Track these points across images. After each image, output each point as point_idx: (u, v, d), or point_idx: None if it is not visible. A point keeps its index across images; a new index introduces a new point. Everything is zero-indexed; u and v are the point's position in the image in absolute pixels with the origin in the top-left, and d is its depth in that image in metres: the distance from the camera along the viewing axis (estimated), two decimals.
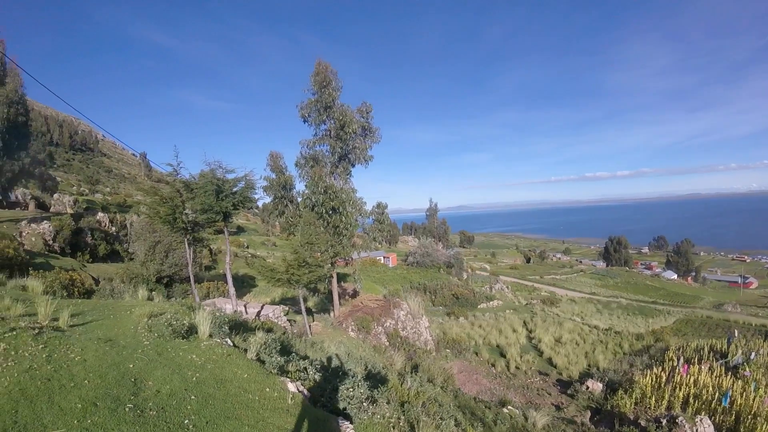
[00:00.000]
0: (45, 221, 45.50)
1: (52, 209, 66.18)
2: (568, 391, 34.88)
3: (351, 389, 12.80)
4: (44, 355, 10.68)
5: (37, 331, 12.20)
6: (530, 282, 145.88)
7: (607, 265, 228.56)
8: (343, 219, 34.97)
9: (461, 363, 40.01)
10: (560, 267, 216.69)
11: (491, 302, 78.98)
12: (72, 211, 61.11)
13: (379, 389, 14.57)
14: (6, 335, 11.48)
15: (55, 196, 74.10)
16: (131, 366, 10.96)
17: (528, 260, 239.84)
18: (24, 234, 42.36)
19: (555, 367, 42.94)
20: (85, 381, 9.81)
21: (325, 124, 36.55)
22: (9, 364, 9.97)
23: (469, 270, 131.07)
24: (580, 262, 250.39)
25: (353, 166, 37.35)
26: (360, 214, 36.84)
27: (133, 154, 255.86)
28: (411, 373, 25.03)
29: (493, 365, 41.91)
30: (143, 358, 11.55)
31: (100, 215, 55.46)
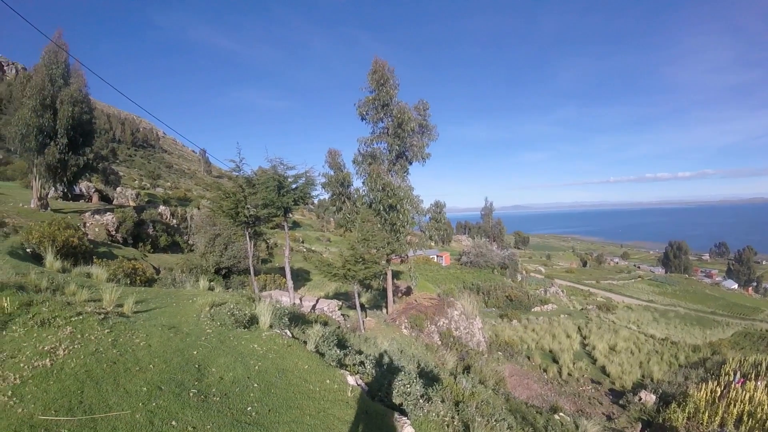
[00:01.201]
0: (108, 213, 47.18)
1: (115, 202, 68.43)
2: (620, 402, 33.86)
3: (408, 385, 12.71)
4: (110, 340, 10.93)
5: (102, 316, 12.51)
6: (586, 286, 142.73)
7: (666, 272, 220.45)
8: (401, 217, 34.78)
9: (513, 366, 39.33)
10: (617, 272, 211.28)
11: (545, 306, 77.30)
12: (134, 204, 63.11)
13: (434, 387, 14.46)
14: (72, 319, 11.81)
15: (118, 189, 76.65)
16: (195, 353, 11.13)
17: (584, 264, 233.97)
18: (88, 224, 43.95)
19: (608, 375, 41.68)
20: (150, 365, 9.99)
21: (382, 122, 36.48)
22: (75, 346, 10.23)
23: (524, 272, 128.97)
24: (638, 267, 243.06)
25: (410, 163, 37.14)
26: (417, 212, 36.59)
27: (193, 151, 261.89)
28: (463, 373, 24.84)
29: (545, 370, 41.03)
30: (206, 346, 11.72)
31: (161, 208, 57.17)
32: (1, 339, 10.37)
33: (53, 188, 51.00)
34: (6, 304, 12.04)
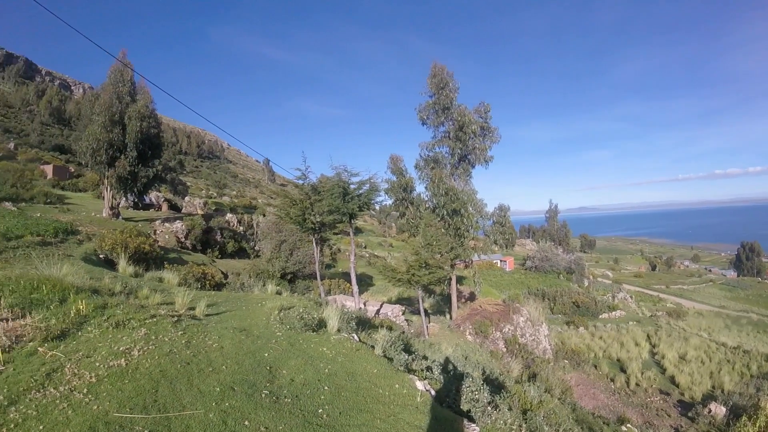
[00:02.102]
0: (178, 221, 48.68)
1: (183, 210, 70.46)
2: (689, 414, 32.33)
3: (476, 392, 12.46)
4: (183, 341, 11.18)
5: (175, 318, 12.87)
6: (655, 292, 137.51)
7: (738, 275, 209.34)
8: (464, 221, 34.39)
9: (579, 375, 38.25)
10: (688, 276, 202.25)
11: (613, 312, 74.83)
12: (202, 212, 64.80)
13: (501, 395, 14.18)
14: (147, 321, 12.17)
15: (187, 198, 79.02)
16: (266, 355, 11.21)
17: (653, 268, 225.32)
18: (158, 232, 45.44)
19: (677, 386, 39.81)
20: (223, 366, 10.11)
21: (443, 126, 36.18)
22: (150, 347, 10.48)
23: (591, 277, 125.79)
24: (710, 270, 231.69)
25: (473, 167, 36.68)
26: (481, 216, 36.11)
27: (257, 161, 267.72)
28: (528, 381, 24.36)
29: (612, 380, 39.65)
30: (277, 348, 11.79)
31: (228, 216, 58.75)
32: (77, 339, 10.70)
33: (124, 198, 53.04)
34: (82, 307, 12.45)
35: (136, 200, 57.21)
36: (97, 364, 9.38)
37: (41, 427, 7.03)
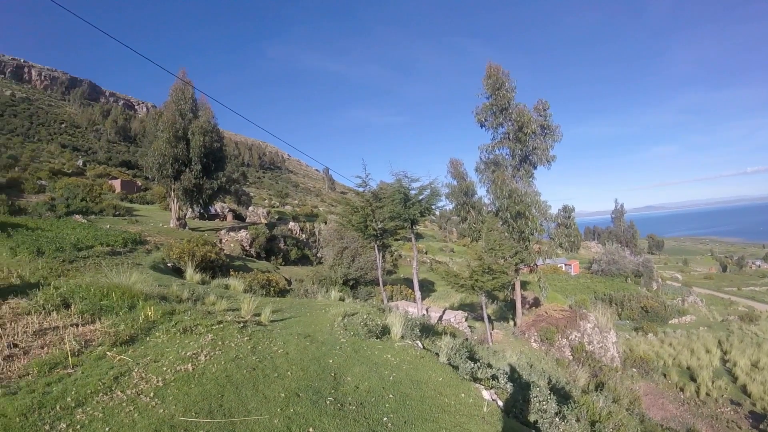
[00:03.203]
0: (242, 230, 49.85)
1: (248, 220, 71.92)
2: (761, 426, 30.43)
3: (544, 403, 12.07)
4: (249, 347, 11.18)
5: (241, 324, 12.94)
6: (726, 294, 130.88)
7: None
8: (529, 224, 33.50)
9: (647, 385, 36.58)
10: (760, 277, 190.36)
11: (683, 317, 71.53)
12: (266, 221, 66.10)
13: (568, 405, 13.73)
14: (214, 327, 12.29)
15: (250, 208, 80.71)
16: (330, 361, 11.09)
17: (724, 269, 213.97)
18: (224, 241, 46.62)
19: (749, 396, 37.37)
20: (288, 373, 10.04)
21: (502, 127, 35.43)
22: (216, 353, 10.55)
23: (659, 280, 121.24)
24: None
25: (535, 167, 35.67)
26: (545, 218, 35.18)
27: (317, 170, 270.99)
28: (596, 391, 23.62)
29: (681, 389, 37.72)
30: (341, 355, 11.66)
31: (291, 224, 60.02)
32: (145, 344, 10.90)
33: (191, 209, 54.82)
34: (150, 313, 12.74)
35: (201, 211, 58.83)
36: (165, 368, 9.49)
37: (107, 429, 7.10)
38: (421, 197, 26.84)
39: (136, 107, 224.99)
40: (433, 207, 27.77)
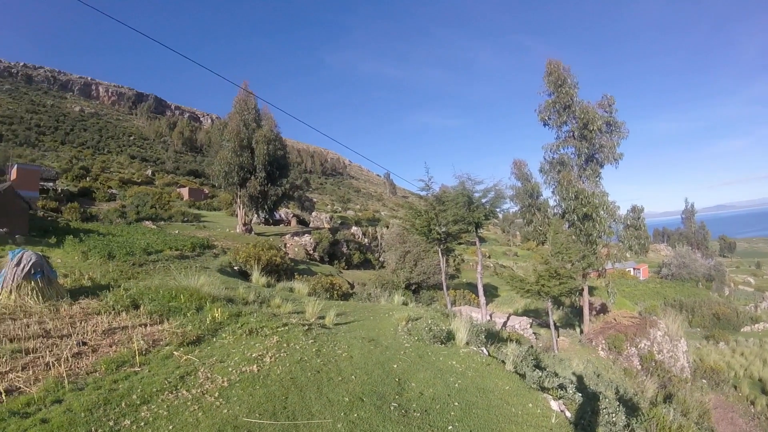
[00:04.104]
0: (306, 234, 50.74)
1: (311, 225, 72.92)
2: None
3: (613, 415, 11.55)
4: (313, 350, 11.14)
5: (306, 327, 12.97)
6: None
7: None
8: (596, 226, 32.35)
9: (717, 397, 34.60)
10: None
11: (756, 325, 67.16)
12: (329, 226, 66.83)
13: (637, 418, 13.16)
14: (279, 329, 12.35)
15: (314, 213, 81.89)
16: (395, 366, 10.90)
17: None
18: (288, 245, 47.38)
19: None
20: (352, 376, 9.91)
21: (566, 125, 34.38)
22: (282, 355, 10.54)
23: (731, 284, 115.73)
24: None
25: (602, 167, 34.32)
26: (613, 220, 33.96)
27: (378, 175, 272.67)
28: (664, 403, 22.65)
29: (752, 403, 35.50)
30: (405, 360, 11.45)
31: (354, 229, 60.60)
32: (211, 345, 11.02)
33: (256, 215, 56.15)
34: (217, 314, 12.93)
35: (267, 216, 60.31)
36: (230, 369, 9.55)
37: (170, 427, 7.13)
38: (485, 200, 26.34)
39: (201, 119, 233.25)
40: (497, 210, 27.22)
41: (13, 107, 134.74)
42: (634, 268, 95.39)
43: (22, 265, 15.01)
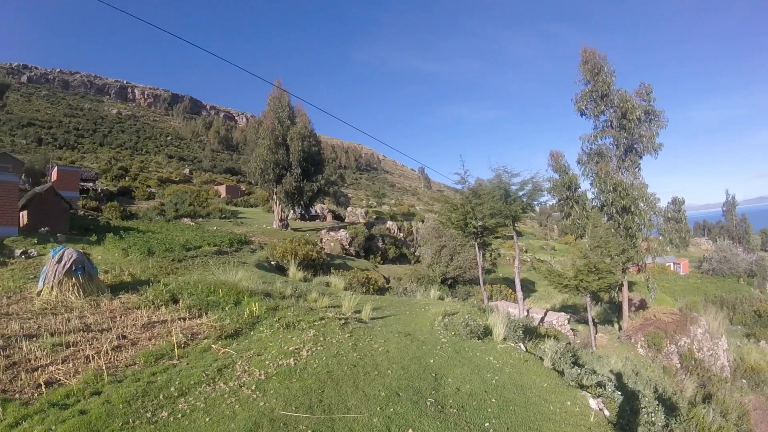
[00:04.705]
0: (342, 230, 50.99)
1: (346, 220, 73.20)
2: None
3: (652, 414, 11.29)
4: (350, 344, 11.15)
5: (342, 321, 12.99)
6: None
7: None
8: (636, 219, 31.53)
9: (757, 398, 33.39)
10: None
11: None
12: (364, 221, 66.98)
13: (676, 419, 12.87)
14: (316, 323, 12.41)
15: (349, 209, 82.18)
16: (431, 361, 10.82)
17: None
18: (324, 240, 47.74)
19: None
20: (388, 371, 9.87)
21: (604, 115, 33.59)
22: (318, 348, 10.57)
23: None
24: None
25: (641, 157, 33.38)
26: (653, 213, 33.13)
27: (413, 170, 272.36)
28: (703, 403, 22.09)
29: None
30: (442, 355, 11.36)
31: (389, 223, 60.72)
32: (249, 338, 11.13)
33: (292, 211, 56.66)
34: (255, 308, 13.07)
35: (302, 212, 60.76)
36: (267, 362, 9.62)
37: (207, 419, 7.18)
38: (522, 193, 25.89)
39: (236, 118, 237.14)
40: (534, 203, 26.77)
41: (52, 112, 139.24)
42: (674, 263, 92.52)
43: (63, 262, 15.38)
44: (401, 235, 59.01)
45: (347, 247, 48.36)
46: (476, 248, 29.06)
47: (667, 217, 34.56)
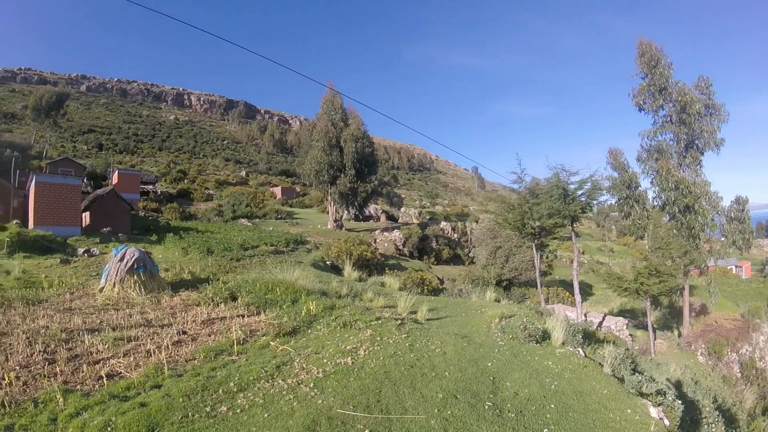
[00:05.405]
0: (395, 230, 51.14)
1: (400, 220, 73.50)
2: None
3: (713, 426, 10.87)
4: (407, 344, 11.06)
5: (399, 321, 12.92)
6: None
7: None
8: (699, 219, 30.53)
9: None
10: None
11: None
12: (417, 222, 67.04)
13: (736, 431, 12.32)
14: (372, 323, 12.38)
15: (402, 209, 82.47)
16: (489, 364, 10.64)
17: None
18: (378, 240, 48.05)
19: None
20: (446, 373, 9.76)
21: (663, 109, 32.68)
22: (375, 348, 10.52)
23: None
24: None
25: (702, 153, 32.25)
26: (716, 212, 31.95)
27: (466, 169, 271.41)
28: (763, 415, 21.21)
29: None
30: (499, 358, 11.16)
31: (443, 224, 60.63)
32: (306, 336, 11.22)
33: (346, 211, 57.29)
34: (312, 307, 13.22)
35: (357, 213, 61.49)
36: (325, 360, 9.63)
37: (266, 415, 7.23)
38: (580, 192, 25.22)
39: (289, 121, 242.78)
40: (593, 202, 26.08)
41: (111, 119, 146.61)
42: (735, 266, 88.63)
43: (125, 261, 15.88)
44: (455, 235, 58.74)
45: (401, 247, 48.49)
46: (533, 249, 28.49)
47: (729, 217, 33.15)
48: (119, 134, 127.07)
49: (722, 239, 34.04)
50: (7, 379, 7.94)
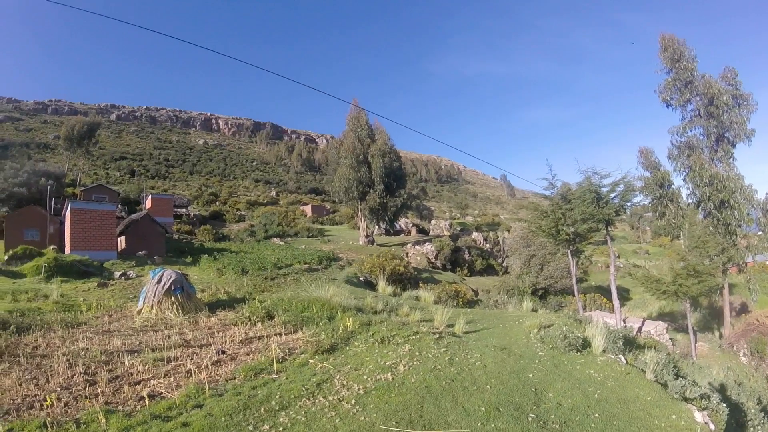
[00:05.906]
0: (427, 243, 51.29)
1: (431, 233, 73.29)
2: None
3: (759, 429, 10.60)
4: (446, 358, 11.01)
5: (437, 335, 12.90)
6: None
7: None
8: (735, 214, 29.77)
9: None
10: None
11: None
12: (449, 233, 66.89)
13: None
14: (410, 338, 12.35)
15: (433, 221, 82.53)
16: (530, 376, 10.56)
17: None
18: (410, 254, 47.97)
19: None
20: (487, 386, 9.69)
21: (690, 103, 32.24)
22: (415, 363, 10.47)
23: None
24: None
25: (734, 146, 31.67)
26: (752, 206, 31.16)
27: (494, 178, 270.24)
28: None
29: None
30: (541, 369, 11.05)
31: (475, 234, 60.43)
32: (345, 353, 11.20)
33: (377, 226, 57.42)
34: (348, 323, 13.22)
35: (387, 227, 61.58)
36: (365, 377, 9.60)
37: None
38: (613, 194, 24.79)
39: (316, 140, 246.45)
40: (627, 204, 25.61)
41: (142, 146, 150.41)
42: None
43: (162, 283, 16.13)
44: (487, 245, 58.44)
45: (433, 260, 48.45)
46: (569, 256, 28.01)
47: (765, 210, 32.19)
48: (150, 160, 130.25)
49: (759, 233, 33.18)
50: (48, 400, 8.08)
